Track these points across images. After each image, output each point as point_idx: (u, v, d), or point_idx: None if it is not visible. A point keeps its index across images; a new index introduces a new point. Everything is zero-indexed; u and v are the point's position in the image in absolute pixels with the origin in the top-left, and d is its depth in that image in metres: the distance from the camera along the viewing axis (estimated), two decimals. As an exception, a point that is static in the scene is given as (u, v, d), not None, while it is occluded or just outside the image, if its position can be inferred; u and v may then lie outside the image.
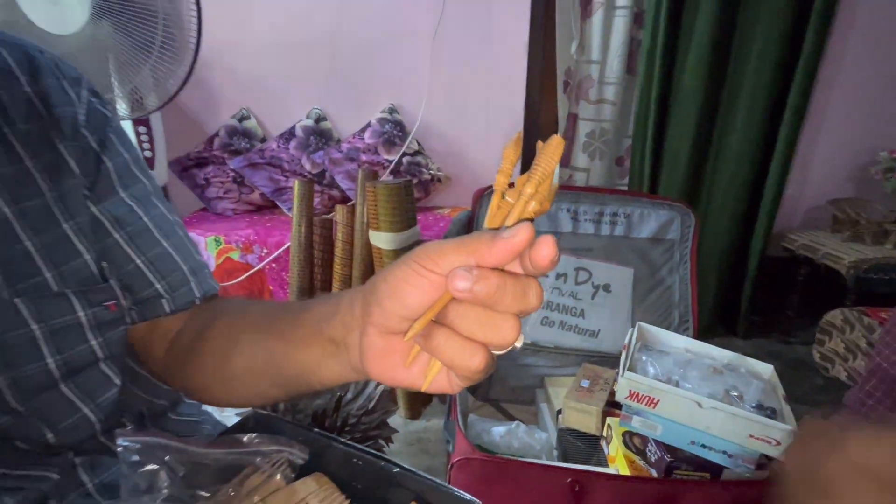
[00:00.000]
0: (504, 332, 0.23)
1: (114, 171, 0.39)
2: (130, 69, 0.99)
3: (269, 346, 0.35)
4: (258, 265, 1.42)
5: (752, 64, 1.53)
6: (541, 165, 0.24)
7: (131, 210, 0.40)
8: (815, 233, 1.66)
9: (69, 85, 0.39)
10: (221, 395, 0.41)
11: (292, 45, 1.67)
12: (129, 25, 0.97)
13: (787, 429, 0.76)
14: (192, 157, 1.68)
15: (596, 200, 1.32)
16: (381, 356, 0.27)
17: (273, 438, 0.45)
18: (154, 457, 0.35)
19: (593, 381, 1.14)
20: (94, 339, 0.37)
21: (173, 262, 0.42)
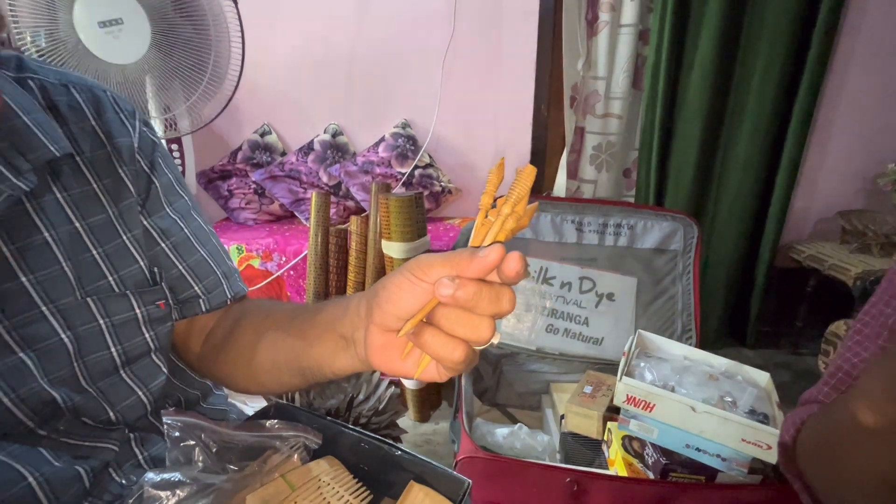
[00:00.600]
0: (481, 331, 0.29)
1: (161, 190, 0.47)
2: (170, 95, 1.09)
3: (290, 342, 0.42)
4: (277, 272, 1.50)
5: (756, 79, 1.57)
6: (516, 190, 0.29)
7: (175, 223, 0.47)
8: (822, 244, 1.67)
9: (126, 118, 0.46)
10: (248, 383, 0.48)
11: (311, 64, 1.77)
12: (181, 58, 1.08)
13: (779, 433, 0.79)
14: (216, 169, 1.78)
15: (600, 212, 1.36)
16: (382, 350, 0.33)
17: (291, 425, 0.51)
18: (192, 434, 0.42)
19: (596, 387, 1.18)
20: (147, 333, 0.44)
21: (209, 267, 0.49)
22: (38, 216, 0.38)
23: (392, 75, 1.76)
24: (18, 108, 0.36)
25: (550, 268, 1.35)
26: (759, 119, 1.59)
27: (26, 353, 0.36)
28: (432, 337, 0.29)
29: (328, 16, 1.71)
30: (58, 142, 0.38)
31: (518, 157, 1.83)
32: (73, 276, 0.39)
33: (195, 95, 1.14)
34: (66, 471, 0.37)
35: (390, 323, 0.31)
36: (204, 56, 1.12)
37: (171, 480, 0.39)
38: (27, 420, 0.36)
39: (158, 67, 1.07)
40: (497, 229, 0.30)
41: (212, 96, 1.16)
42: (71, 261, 0.39)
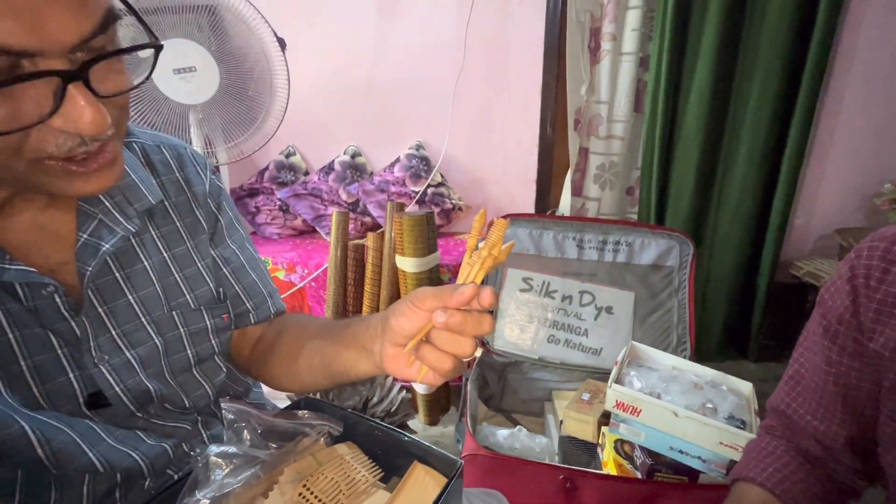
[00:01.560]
0: (465, 348, 0.40)
1: (224, 226, 0.59)
2: (228, 131, 1.27)
3: (324, 350, 0.53)
4: (300, 284, 1.62)
5: (753, 102, 1.64)
6: (491, 237, 0.40)
7: (233, 252, 0.60)
8: (821, 261, 1.72)
9: (201, 170, 0.59)
10: (290, 382, 0.59)
11: (333, 90, 1.91)
12: (239, 102, 1.25)
13: (753, 437, 0.86)
14: (245, 188, 1.93)
15: (600, 230, 1.45)
16: (393, 359, 0.44)
17: (318, 415, 0.62)
18: (243, 418, 0.53)
19: (593, 394, 1.26)
20: (213, 340, 0.57)
21: (258, 288, 0.61)
22: (140, 249, 0.50)
23: (407, 101, 1.89)
24: (128, 167, 0.49)
25: (553, 282, 1.44)
26: (756, 139, 1.66)
27: (132, 353, 0.48)
28: (429, 352, 0.40)
29: (349, 47, 1.85)
30: (153, 192, 0.51)
31: (525, 176, 1.93)
32: (162, 294, 0.51)
33: (250, 131, 1.31)
34: (156, 448, 0.49)
35: (398, 340, 0.42)
36: (257, 98, 1.28)
37: (228, 452, 0.50)
38: (130, 405, 0.47)
39: (223, 107, 1.24)
40: (477, 268, 0.40)
41: (257, 132, 1.32)
42: (161, 283, 0.51)
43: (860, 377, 0.49)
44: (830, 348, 0.51)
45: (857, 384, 0.50)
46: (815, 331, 0.54)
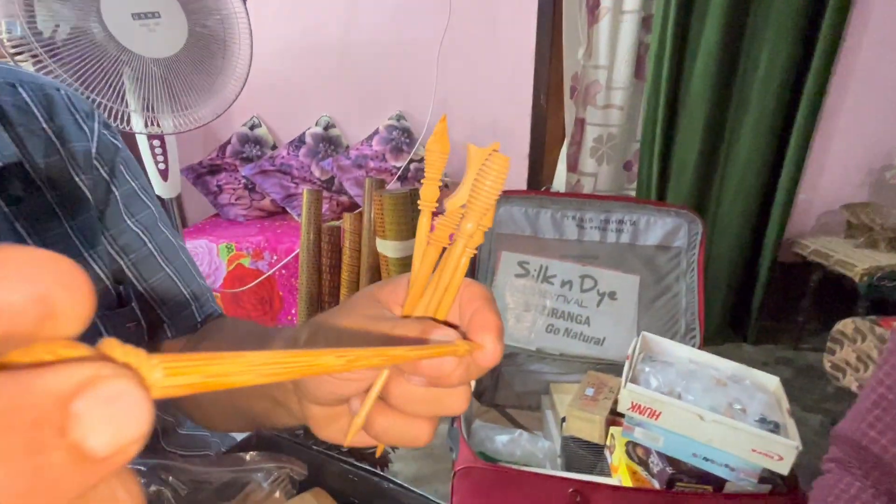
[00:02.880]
0: (456, 403, 0.23)
1: (121, 199, 0.42)
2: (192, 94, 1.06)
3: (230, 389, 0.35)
4: (268, 271, 1.45)
5: (763, 67, 1.51)
6: (483, 193, 0.21)
7: (137, 237, 0.42)
8: (827, 238, 1.63)
9: (83, 119, 0.41)
10: (206, 424, 0.42)
11: (302, 53, 1.70)
12: (207, 56, 1.05)
13: (791, 444, 0.76)
14: (204, 164, 1.72)
15: (601, 208, 1.32)
16: (325, 426, 0.26)
17: (274, 455, 0.47)
18: (157, 478, 0.37)
19: (598, 389, 1.14)
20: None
21: (175, 287, 0.44)
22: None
23: (386, 65, 1.70)
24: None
25: (551, 266, 1.31)
26: (765, 108, 1.54)
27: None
28: (392, 425, 0.23)
29: (319, 4, 1.64)
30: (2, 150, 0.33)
31: (517, 149, 1.77)
32: None
33: (216, 94, 1.11)
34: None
35: (327, 402, 0.24)
36: (218, 54, 1.08)
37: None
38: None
39: (190, 63, 1.03)
40: (456, 260, 0.22)
41: (213, 97, 1.11)
42: None
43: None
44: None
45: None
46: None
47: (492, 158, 0.21)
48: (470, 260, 0.23)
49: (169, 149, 1.07)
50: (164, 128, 1.07)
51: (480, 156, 0.22)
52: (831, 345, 1.28)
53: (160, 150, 1.05)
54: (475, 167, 0.21)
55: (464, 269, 0.23)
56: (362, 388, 0.23)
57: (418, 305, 0.24)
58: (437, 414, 0.23)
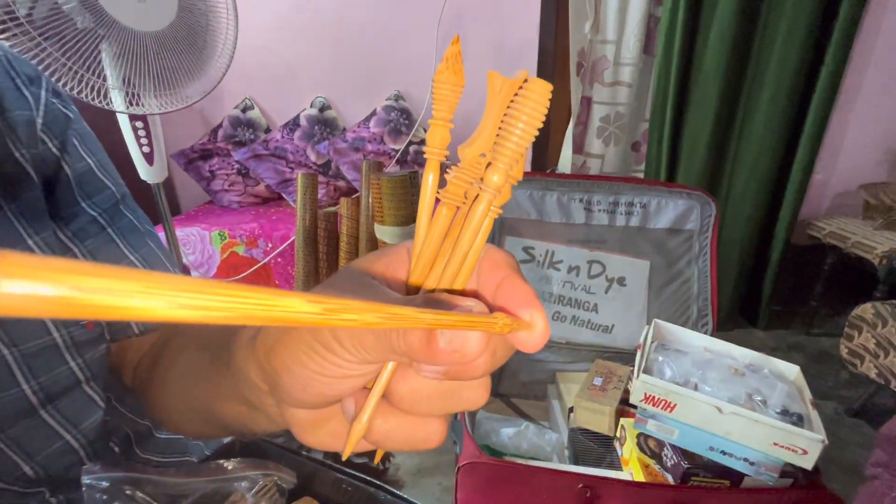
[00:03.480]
0: (476, 396, 0.18)
1: (74, 179, 0.36)
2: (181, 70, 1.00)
3: (197, 391, 0.30)
4: (263, 259, 1.40)
5: (780, 41, 1.43)
6: (515, 133, 0.16)
7: (93, 221, 0.37)
8: (844, 220, 1.57)
9: (24, 84, 0.35)
10: (175, 428, 0.37)
11: (295, 31, 1.62)
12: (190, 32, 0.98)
13: (817, 438, 0.71)
14: (196, 149, 1.66)
15: (610, 190, 1.26)
16: (311, 431, 0.21)
17: (260, 463, 0.42)
18: (121, 495, 0.33)
19: (606, 378, 1.10)
20: (73, 361, 0.35)
21: None
22: None
23: (383, 43, 1.62)
24: None
25: (557, 251, 1.25)
26: (781, 85, 1.47)
27: None
28: (397, 427, 0.19)
29: (311, -24, 1.56)
30: None
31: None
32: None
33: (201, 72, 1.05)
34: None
35: (313, 405, 0.20)
36: (203, 28, 1.01)
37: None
38: None
39: (178, 39, 0.97)
40: (479, 222, 0.17)
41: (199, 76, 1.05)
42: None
43: None
44: None
45: None
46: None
47: (529, 85, 0.16)
48: (493, 215, 0.18)
49: (153, 130, 1.01)
50: (148, 107, 1.01)
51: (509, 87, 0.17)
52: (849, 330, 1.23)
53: (143, 132, 0.99)
54: (500, 101, 0.17)
55: (486, 232, 0.18)
56: (359, 384, 0.18)
57: (427, 281, 0.19)
58: (453, 411, 0.19)
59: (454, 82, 0.18)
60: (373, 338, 0.16)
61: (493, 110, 0.17)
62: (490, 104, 0.18)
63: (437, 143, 0.19)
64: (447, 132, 0.19)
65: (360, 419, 0.18)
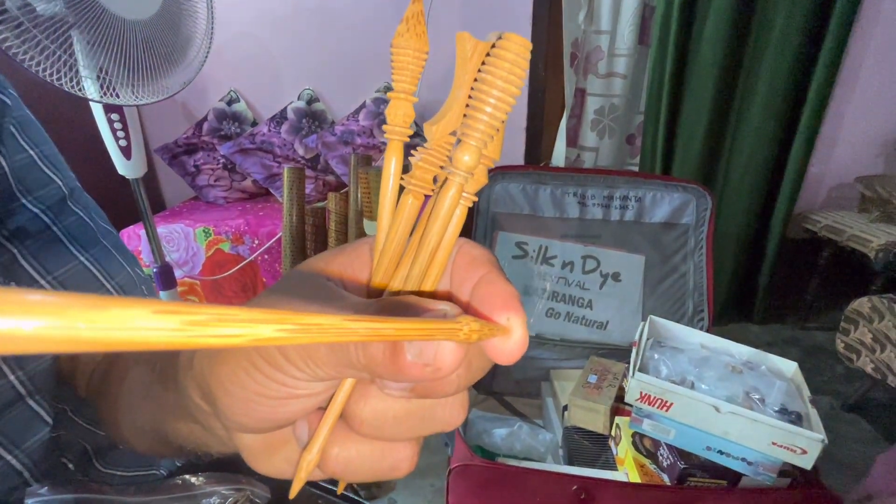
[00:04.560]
0: (450, 417, 0.16)
1: (11, 173, 0.33)
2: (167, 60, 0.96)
3: (148, 407, 0.26)
4: (250, 256, 1.36)
5: (777, 31, 1.41)
6: (489, 101, 0.13)
7: (35, 218, 0.33)
8: (839, 213, 1.56)
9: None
10: (126, 445, 0.33)
11: (282, 21, 1.58)
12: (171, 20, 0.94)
13: (817, 437, 0.69)
14: (180, 143, 1.61)
15: (605, 183, 1.23)
16: (265, 457, 0.18)
17: (231, 476, 0.39)
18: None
19: (601, 375, 1.08)
20: (13, 374, 0.32)
21: (92, 279, 0.35)
22: None
23: (371, 34, 1.58)
24: None
25: (551, 246, 1.23)
26: (778, 77, 1.45)
27: None
28: (359, 455, 0.16)
29: (296, -37, 1.51)
30: None
31: (513, 122, 1.67)
32: None
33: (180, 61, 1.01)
34: None
35: (260, 430, 0.17)
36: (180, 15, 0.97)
37: None
38: None
39: (164, 28, 0.93)
40: (448, 211, 0.14)
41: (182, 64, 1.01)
42: None
43: None
44: None
45: None
46: None
47: (503, 43, 0.13)
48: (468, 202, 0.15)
49: (131, 123, 0.96)
50: (125, 98, 0.97)
51: (482, 51, 0.14)
52: (845, 325, 1.22)
53: (120, 125, 0.95)
54: (472, 68, 0.14)
55: (459, 224, 0.15)
56: (311, 406, 0.16)
57: (393, 281, 0.16)
58: (424, 434, 0.16)
59: (416, 47, 0.15)
60: (326, 350, 0.14)
61: (463, 79, 0.14)
62: (460, 72, 0.15)
63: (398, 119, 0.16)
64: (410, 107, 0.16)
65: (311, 449, 0.16)
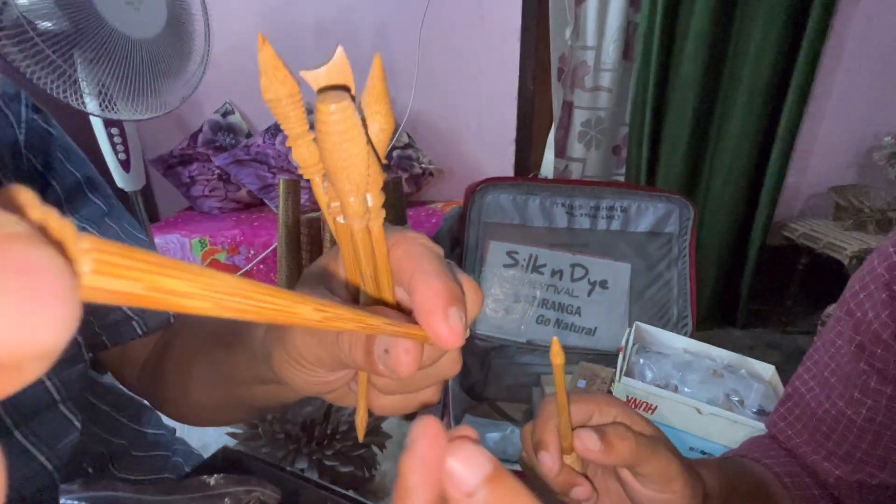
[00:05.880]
0: (447, 371, 0.20)
1: (62, 194, 0.37)
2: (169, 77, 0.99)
3: (223, 371, 0.31)
4: (245, 267, 1.38)
5: (754, 48, 1.48)
6: (338, 160, 0.14)
7: (83, 232, 0.37)
8: (816, 221, 1.62)
9: (5, 103, 0.35)
10: (193, 418, 0.39)
11: (276, 33, 1.61)
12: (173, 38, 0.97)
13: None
14: (175, 154, 1.62)
15: (592, 194, 1.28)
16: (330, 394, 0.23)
17: (243, 478, 0.42)
18: (97, 519, 0.32)
19: (590, 380, 1.12)
20: (49, 380, 0.35)
21: None
22: None
23: (364, 46, 1.62)
24: None
25: (541, 255, 1.27)
26: (756, 90, 1.51)
27: None
28: (391, 403, 0.22)
29: (291, -21, 1.55)
30: None
31: (503, 134, 1.72)
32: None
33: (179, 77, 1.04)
34: None
35: (321, 392, 0.23)
36: (179, 33, 1.00)
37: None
38: None
39: (167, 45, 0.95)
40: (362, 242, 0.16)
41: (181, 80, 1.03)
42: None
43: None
44: (867, 373, 0.39)
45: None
46: (842, 349, 0.40)
47: (321, 108, 0.13)
48: (383, 225, 0.17)
49: (129, 137, 0.98)
50: (125, 113, 0.99)
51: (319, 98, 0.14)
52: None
53: (119, 139, 0.97)
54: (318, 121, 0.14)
55: (378, 240, 0.17)
56: (344, 380, 0.21)
57: (362, 285, 0.20)
58: (432, 384, 0.21)
59: (286, 94, 0.15)
60: (327, 356, 0.19)
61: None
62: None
63: (308, 160, 0.16)
64: (311, 143, 0.16)
65: (359, 413, 0.22)
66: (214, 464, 0.46)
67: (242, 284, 0.10)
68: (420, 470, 0.16)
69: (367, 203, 0.16)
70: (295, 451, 0.91)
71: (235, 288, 0.10)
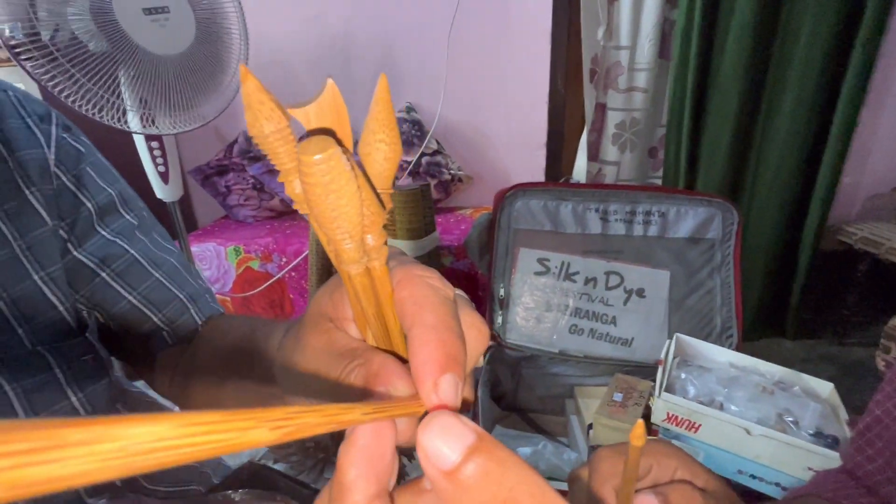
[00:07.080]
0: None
1: (94, 210, 0.38)
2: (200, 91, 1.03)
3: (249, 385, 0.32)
4: (278, 274, 1.41)
5: (804, 38, 1.38)
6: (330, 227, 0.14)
7: (116, 245, 0.39)
8: (877, 225, 1.50)
9: (35, 124, 0.36)
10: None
11: (306, 45, 1.64)
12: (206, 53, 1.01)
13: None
14: (212, 164, 1.68)
15: (627, 199, 1.23)
16: None
17: (267, 494, 0.41)
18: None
19: (626, 394, 1.06)
20: (74, 396, 0.35)
21: (168, 292, 0.41)
22: None
23: (393, 54, 1.63)
24: None
25: (573, 262, 1.23)
26: (806, 85, 1.42)
27: None
28: None
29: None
30: None
31: (533, 139, 1.68)
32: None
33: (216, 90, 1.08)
34: None
35: None
36: (216, 48, 1.04)
37: None
38: None
39: (196, 59, 1.00)
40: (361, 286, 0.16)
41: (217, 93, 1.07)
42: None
43: None
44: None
45: None
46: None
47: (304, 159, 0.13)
48: (384, 268, 0.16)
49: (169, 150, 1.02)
50: (164, 128, 1.03)
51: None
52: (885, 342, 1.17)
53: (159, 152, 1.01)
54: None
55: (382, 280, 0.16)
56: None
57: (368, 334, 0.18)
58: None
59: (274, 129, 0.14)
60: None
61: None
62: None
63: (301, 195, 0.16)
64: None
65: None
66: (240, 477, 0.46)
67: (162, 432, 0.08)
68: (361, 462, 0.14)
69: (364, 245, 0.15)
70: (324, 459, 0.90)
71: (151, 439, 0.08)
